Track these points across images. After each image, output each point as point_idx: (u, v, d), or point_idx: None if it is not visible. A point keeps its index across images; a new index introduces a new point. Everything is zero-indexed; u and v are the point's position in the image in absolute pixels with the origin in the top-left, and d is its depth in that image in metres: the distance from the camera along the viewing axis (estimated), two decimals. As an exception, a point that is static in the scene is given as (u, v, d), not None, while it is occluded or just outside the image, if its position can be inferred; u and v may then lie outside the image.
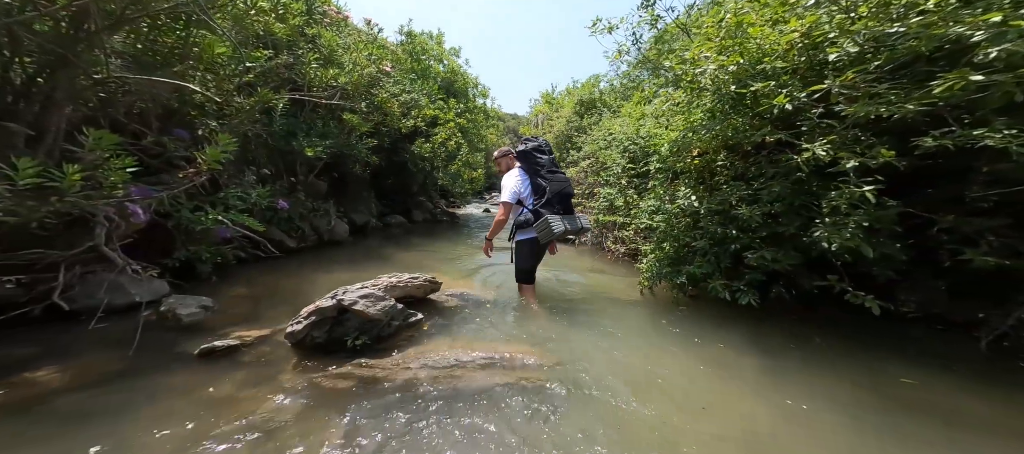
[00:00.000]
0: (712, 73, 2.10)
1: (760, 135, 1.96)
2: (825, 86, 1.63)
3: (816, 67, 2.01)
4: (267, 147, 3.45)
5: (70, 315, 2.04)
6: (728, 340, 2.23)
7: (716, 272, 2.53)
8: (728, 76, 2.05)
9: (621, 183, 4.82)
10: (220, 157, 1.91)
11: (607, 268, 4.36)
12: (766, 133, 1.93)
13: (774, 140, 1.95)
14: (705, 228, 2.53)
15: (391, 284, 2.49)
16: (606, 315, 2.80)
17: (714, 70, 2.03)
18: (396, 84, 5.69)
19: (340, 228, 4.65)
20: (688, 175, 3.21)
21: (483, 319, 2.64)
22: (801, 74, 2.01)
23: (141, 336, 1.92)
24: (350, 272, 3.58)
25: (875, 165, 1.55)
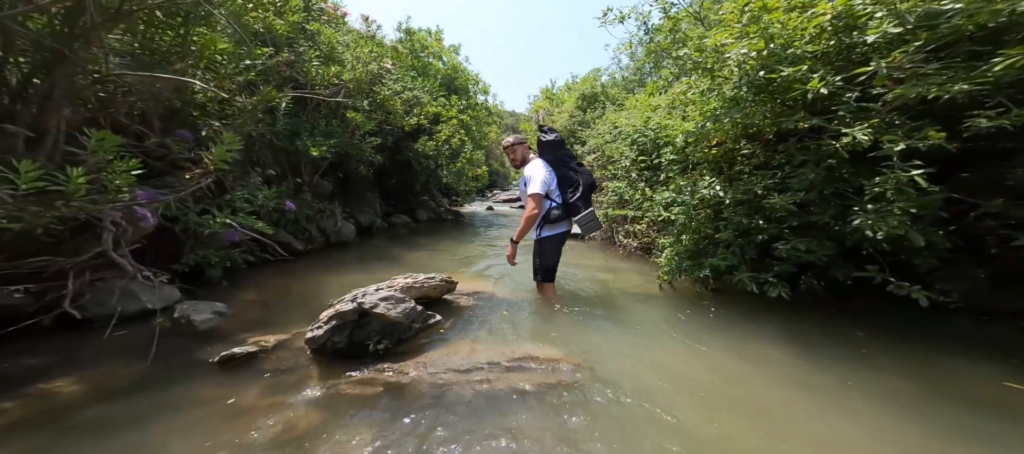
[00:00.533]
0: (737, 58, 2.02)
1: (793, 121, 1.88)
2: (871, 68, 1.55)
3: (845, 51, 1.94)
4: (272, 148, 3.35)
5: (81, 323, 1.97)
6: (763, 335, 2.16)
7: (742, 264, 2.46)
8: (755, 61, 1.97)
9: (631, 176, 4.74)
10: (226, 157, 1.83)
11: (620, 263, 4.30)
12: (799, 119, 1.85)
13: (807, 126, 1.87)
14: (729, 219, 2.45)
15: (407, 285, 2.41)
16: (628, 311, 2.73)
17: (740, 56, 1.95)
18: (397, 82, 5.58)
19: (346, 229, 4.56)
20: (706, 165, 3.14)
21: (501, 319, 2.56)
22: (832, 58, 1.93)
23: (157, 344, 1.85)
24: (360, 274, 3.50)
25: (924, 148, 1.48)
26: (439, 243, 5.45)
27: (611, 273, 3.77)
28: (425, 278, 2.48)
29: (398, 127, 5.34)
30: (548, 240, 2.57)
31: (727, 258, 2.49)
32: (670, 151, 3.65)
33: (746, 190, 2.36)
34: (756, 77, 1.99)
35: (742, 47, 1.92)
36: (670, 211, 2.98)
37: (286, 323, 2.32)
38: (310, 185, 3.99)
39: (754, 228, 2.35)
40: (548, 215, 2.48)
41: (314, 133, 3.55)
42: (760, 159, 2.46)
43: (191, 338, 2.05)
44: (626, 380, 1.76)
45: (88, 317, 2.01)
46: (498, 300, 2.88)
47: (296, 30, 3.46)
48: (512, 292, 3.10)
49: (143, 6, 1.92)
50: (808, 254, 2.06)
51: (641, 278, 3.54)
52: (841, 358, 1.87)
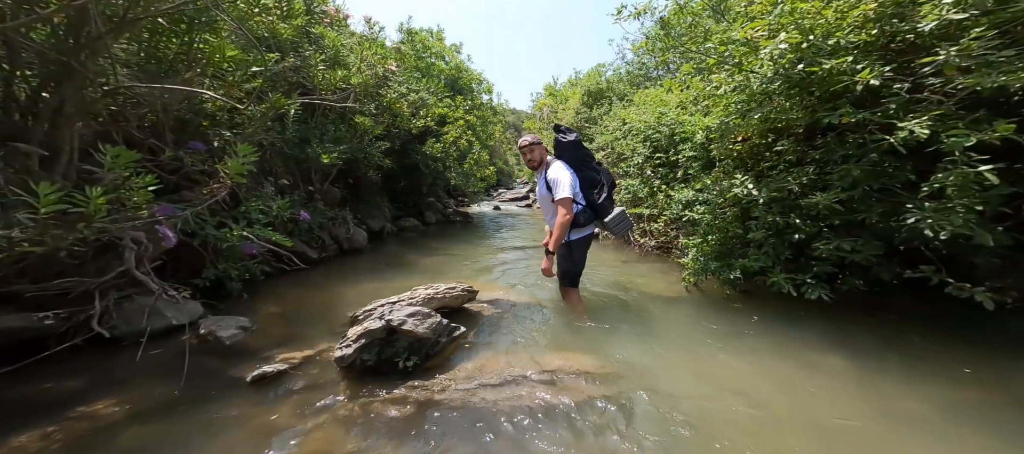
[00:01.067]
0: (772, 53, 1.92)
1: (837, 115, 1.78)
2: (939, 57, 1.45)
3: (889, 40, 1.84)
4: (282, 156, 3.28)
5: (111, 341, 1.94)
6: (810, 341, 2.07)
7: (776, 265, 2.37)
8: (792, 55, 1.87)
9: (645, 173, 4.64)
10: (242, 170, 1.76)
11: (638, 263, 4.21)
12: (845, 113, 1.76)
13: (852, 120, 1.77)
14: (760, 218, 2.36)
15: (429, 296, 2.35)
16: (656, 316, 2.65)
17: (775, 49, 1.85)
18: (403, 84, 5.50)
19: (358, 235, 4.51)
20: (729, 162, 3.04)
21: (524, 327, 2.49)
22: (875, 48, 1.83)
23: (188, 362, 1.83)
24: (376, 283, 3.44)
25: (990, 140, 1.38)
26: (451, 247, 5.38)
27: (630, 274, 3.69)
28: (446, 288, 2.41)
29: (405, 130, 5.26)
30: (576, 243, 2.45)
31: (759, 259, 2.40)
32: (689, 147, 3.55)
33: (779, 187, 2.27)
34: (793, 71, 1.89)
35: (779, 42, 1.82)
36: (694, 210, 2.89)
37: (311, 338, 2.27)
38: (321, 192, 3.93)
39: (789, 227, 2.26)
40: (576, 219, 2.35)
41: (324, 140, 3.48)
42: (793, 155, 2.36)
43: (219, 355, 2.01)
44: (670, 393, 1.68)
45: (117, 335, 1.99)
46: (519, 307, 2.81)
47: (300, 34, 3.38)
48: (531, 298, 3.02)
49: (148, 13, 1.85)
50: (854, 254, 1.97)
51: (663, 279, 3.46)
52: (905, 367, 1.77)
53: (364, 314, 2.36)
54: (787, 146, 2.19)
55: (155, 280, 2.02)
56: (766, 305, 2.62)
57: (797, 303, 2.38)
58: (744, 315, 2.51)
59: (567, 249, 2.44)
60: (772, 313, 2.50)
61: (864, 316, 2.34)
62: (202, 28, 2.14)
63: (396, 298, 2.39)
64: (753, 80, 2.37)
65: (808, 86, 2.04)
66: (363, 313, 2.38)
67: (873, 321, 2.26)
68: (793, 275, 2.30)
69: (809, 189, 2.23)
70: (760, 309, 2.57)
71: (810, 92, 2.09)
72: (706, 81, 2.68)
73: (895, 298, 2.40)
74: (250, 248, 2.33)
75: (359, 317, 2.37)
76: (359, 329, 1.81)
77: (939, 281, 1.73)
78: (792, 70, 1.90)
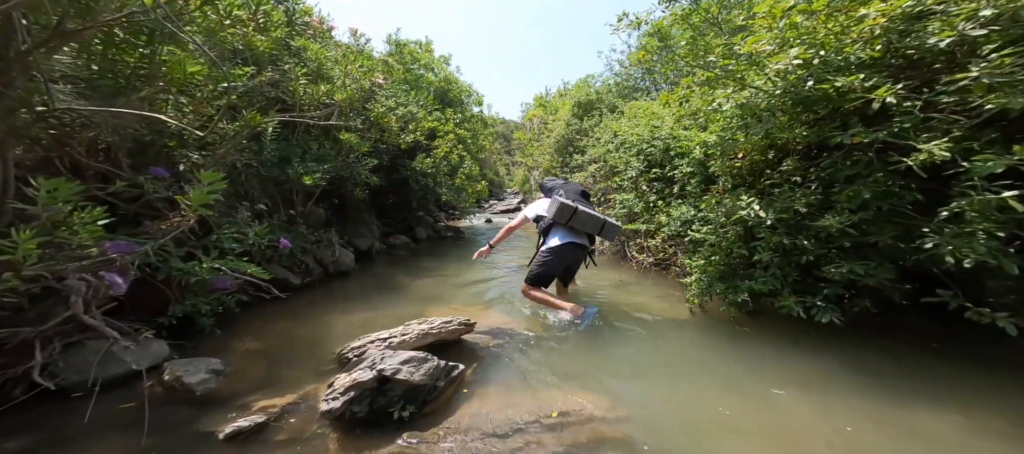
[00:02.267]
0: (781, 69, 1.86)
1: (850, 135, 1.72)
2: (974, 73, 1.39)
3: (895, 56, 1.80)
4: (260, 178, 3.05)
5: (58, 393, 1.69)
6: (828, 372, 1.97)
7: (784, 287, 2.29)
8: (802, 70, 1.81)
9: (641, 188, 4.58)
10: (207, 200, 1.55)
11: (636, 280, 4.11)
12: (857, 132, 1.70)
13: (865, 139, 1.71)
14: (766, 239, 2.28)
15: (422, 331, 2.16)
16: (664, 342, 2.52)
17: (788, 65, 1.79)
18: (391, 97, 5.34)
19: (345, 257, 4.26)
20: (727, 179, 2.98)
21: (526, 358, 2.33)
22: (883, 65, 1.79)
23: (150, 415, 1.59)
24: (365, 311, 3.21)
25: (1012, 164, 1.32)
26: (444, 266, 5.17)
27: (630, 293, 3.57)
28: (441, 323, 2.23)
29: (394, 145, 5.08)
30: (543, 252, 2.95)
31: (767, 281, 2.32)
32: (686, 163, 3.49)
33: (785, 208, 2.19)
34: (802, 88, 1.83)
35: (790, 56, 1.76)
36: (696, 230, 2.80)
37: (293, 379, 2.04)
38: (304, 214, 3.70)
39: (796, 249, 2.19)
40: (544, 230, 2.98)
41: (306, 158, 3.26)
42: (797, 174, 2.30)
43: (187, 405, 1.76)
44: (691, 442, 1.54)
45: (66, 385, 1.72)
46: (519, 336, 2.64)
47: (280, 47, 3.19)
48: (530, 323, 2.87)
49: (92, 24, 1.63)
50: (867, 278, 1.89)
51: (664, 299, 3.35)
52: (935, 401, 1.66)
53: (353, 352, 2.15)
54: (792, 165, 2.13)
55: (107, 324, 1.77)
56: (773, 327, 2.53)
57: (804, 325, 2.30)
58: (755, 341, 2.41)
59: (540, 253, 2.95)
60: (781, 337, 2.40)
61: (876, 339, 2.27)
62: (164, 40, 1.93)
63: (387, 334, 2.19)
64: (760, 95, 2.30)
65: (813, 103, 1.99)
66: (351, 351, 2.17)
67: (887, 344, 2.19)
68: (802, 298, 2.22)
69: (815, 209, 2.17)
70: (768, 332, 2.48)
71: (813, 109, 2.04)
72: (706, 95, 2.62)
73: (905, 319, 2.35)
74: (223, 282, 2.09)
75: (347, 355, 2.16)
76: (347, 380, 1.60)
77: (958, 306, 1.66)
78: (801, 87, 1.84)
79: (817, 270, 2.21)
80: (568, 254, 2.91)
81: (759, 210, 2.08)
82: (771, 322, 2.59)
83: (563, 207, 2.78)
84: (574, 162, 7.61)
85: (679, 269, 3.92)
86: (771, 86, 2.02)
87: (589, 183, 6.48)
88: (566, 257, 2.92)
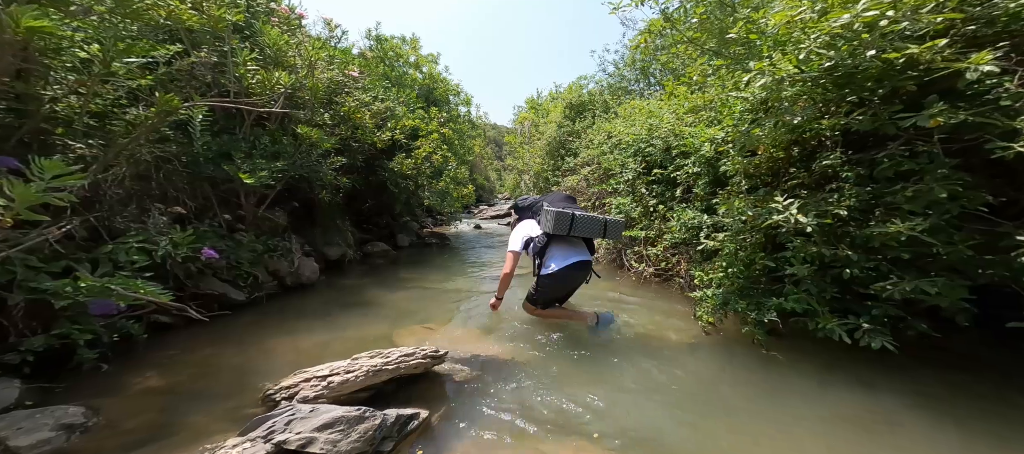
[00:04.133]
0: (841, 28, 1.44)
1: (928, 116, 1.33)
2: None
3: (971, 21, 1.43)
4: (189, 176, 2.55)
5: None
6: (888, 412, 1.56)
7: (821, 306, 1.88)
8: (867, 35, 1.41)
9: (640, 191, 4.19)
10: (37, 199, 1.07)
11: (635, 293, 3.68)
12: (937, 113, 1.31)
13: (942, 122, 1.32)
14: (797, 249, 1.88)
15: (372, 368, 1.68)
16: (673, 369, 2.08)
17: (851, 19, 1.37)
18: (366, 92, 4.88)
19: (307, 268, 3.75)
20: (741, 179, 2.60)
21: (510, 395, 1.88)
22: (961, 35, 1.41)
23: None
24: (322, 332, 2.71)
25: None
26: (424, 276, 4.68)
27: (631, 309, 3.14)
28: (400, 355, 1.75)
29: (368, 144, 4.61)
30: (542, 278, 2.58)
31: (799, 299, 1.91)
32: (693, 162, 3.11)
33: (821, 212, 1.80)
34: (860, 60, 1.44)
35: (859, 8, 1.35)
36: (711, 238, 2.39)
37: (193, 431, 1.54)
38: (255, 219, 3.19)
39: (839, 259, 1.79)
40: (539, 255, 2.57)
41: (254, 155, 2.78)
42: (833, 170, 1.91)
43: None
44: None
45: None
46: (503, 365, 2.18)
47: (226, 28, 2.72)
48: (516, 346, 2.41)
49: None
50: (938, 298, 1.49)
51: (670, 316, 2.92)
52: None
53: (284, 393, 1.67)
54: (835, 160, 1.73)
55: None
56: (805, 352, 2.12)
57: (840, 350, 1.90)
58: (787, 370, 1.99)
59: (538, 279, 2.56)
60: (816, 364, 2.00)
61: (935, 369, 1.88)
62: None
63: (328, 370, 1.71)
64: (787, 81, 1.90)
65: (865, 82, 1.61)
66: (282, 391, 1.68)
67: (956, 378, 1.79)
68: (845, 319, 1.82)
69: (857, 213, 1.78)
70: (801, 358, 2.07)
71: (866, 88, 1.65)
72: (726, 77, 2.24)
73: (958, 337, 1.96)
74: (105, 307, 1.59)
75: (275, 397, 1.67)
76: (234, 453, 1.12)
77: None
78: (857, 60, 1.45)
79: (859, 286, 1.82)
80: (572, 277, 2.53)
81: (797, 215, 1.67)
82: (802, 345, 2.18)
83: (560, 216, 2.37)
84: (566, 165, 7.24)
85: (684, 280, 3.51)
86: (814, 62, 1.62)
87: (582, 187, 6.10)
88: (570, 280, 2.57)
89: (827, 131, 1.87)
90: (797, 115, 1.79)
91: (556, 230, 2.38)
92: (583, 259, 2.51)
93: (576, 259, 2.48)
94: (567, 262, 2.45)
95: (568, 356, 2.27)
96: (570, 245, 2.55)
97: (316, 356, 2.37)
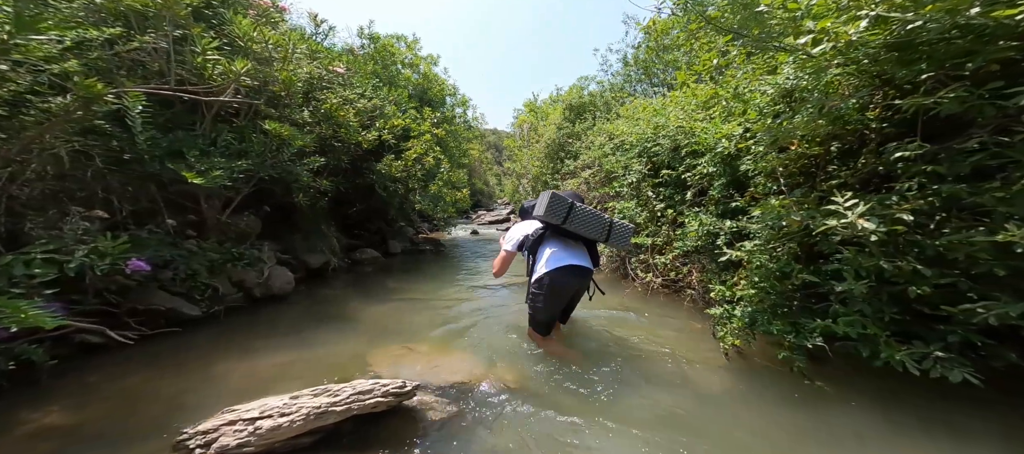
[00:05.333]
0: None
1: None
2: None
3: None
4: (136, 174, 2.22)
5: None
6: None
7: (879, 330, 1.52)
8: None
9: (647, 195, 3.85)
10: None
11: (641, 305, 3.32)
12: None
13: None
14: (851, 261, 1.53)
15: (314, 410, 1.33)
16: (695, 404, 1.71)
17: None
18: (352, 89, 4.58)
19: (281, 277, 3.41)
20: (764, 181, 2.26)
21: (492, 436, 1.53)
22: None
23: None
24: (288, 351, 2.36)
25: None
26: (413, 286, 4.33)
27: (638, 325, 2.77)
28: (354, 394, 1.40)
29: (353, 144, 4.29)
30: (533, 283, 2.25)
31: (853, 321, 1.55)
32: (708, 161, 2.77)
33: (888, 216, 1.45)
34: (959, 16, 1.09)
35: None
36: (738, 247, 2.03)
37: None
38: (219, 225, 2.86)
39: (900, 275, 1.44)
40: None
41: (213, 153, 2.46)
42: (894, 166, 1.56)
43: None
44: None
45: None
46: (488, 395, 1.83)
47: (185, 14, 2.41)
48: (506, 371, 2.04)
49: None
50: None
51: (684, 334, 2.55)
52: None
53: (199, 440, 1.31)
54: (912, 150, 1.36)
55: None
56: (851, 381, 1.75)
57: (895, 377, 1.54)
58: (836, 403, 1.63)
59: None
60: (873, 397, 1.63)
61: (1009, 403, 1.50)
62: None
63: (258, 411, 1.36)
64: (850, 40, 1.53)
65: (949, 53, 1.26)
66: (198, 436, 1.33)
67: None
68: (909, 345, 1.46)
69: (927, 218, 1.43)
70: (848, 389, 1.71)
71: (947, 60, 1.30)
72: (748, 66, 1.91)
73: None
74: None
75: (189, 444, 1.32)
76: None
77: None
78: (956, 16, 1.09)
79: (924, 305, 1.47)
80: (564, 284, 2.11)
81: (862, 220, 1.32)
82: (845, 374, 1.81)
83: (556, 200, 2.04)
84: (566, 168, 6.93)
85: (696, 292, 3.15)
86: (875, 34, 1.27)
87: (583, 190, 5.77)
88: (562, 290, 2.13)
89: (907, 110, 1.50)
90: (850, 98, 1.45)
91: (549, 216, 2.04)
92: (580, 264, 2.13)
93: (571, 262, 2.09)
94: (561, 264, 2.07)
95: (567, 386, 1.91)
96: (567, 246, 2.19)
97: (272, 381, 2.02)
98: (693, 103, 3.59)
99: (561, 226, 2.09)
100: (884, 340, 1.48)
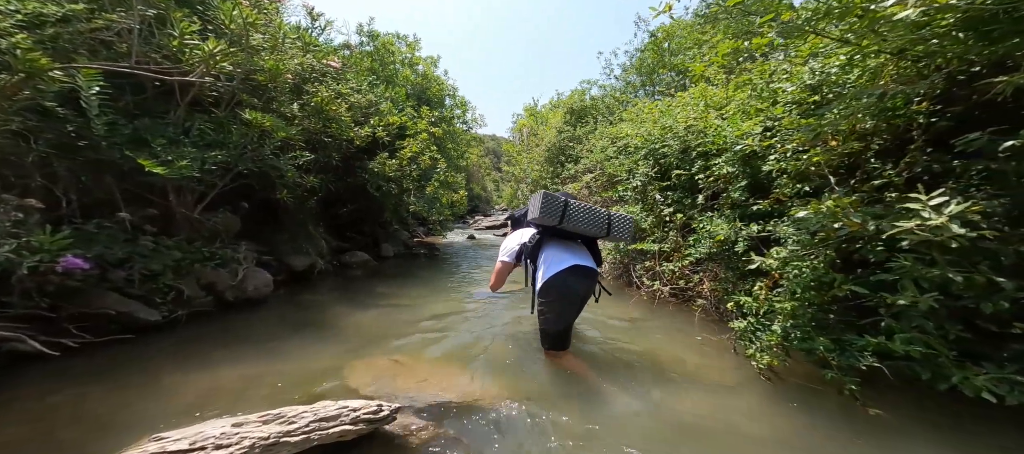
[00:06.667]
0: None
1: None
2: None
3: None
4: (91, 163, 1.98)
5: None
6: None
7: (944, 349, 1.29)
8: None
9: (651, 198, 3.64)
10: None
11: (648, 316, 3.07)
12: None
13: None
14: (908, 271, 1.30)
15: (264, 442, 1.07)
16: (727, 440, 1.46)
17: None
18: (346, 83, 4.37)
19: (257, 280, 3.14)
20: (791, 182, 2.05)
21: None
22: None
23: None
24: (257, 362, 2.10)
25: None
26: (404, 291, 4.06)
27: (650, 341, 2.52)
28: (314, 421, 1.13)
29: (345, 140, 4.07)
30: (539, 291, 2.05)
31: (912, 339, 1.32)
32: (726, 160, 2.56)
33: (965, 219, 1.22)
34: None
35: None
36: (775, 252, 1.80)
37: None
38: (189, 221, 2.61)
39: (971, 287, 1.21)
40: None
41: (184, 142, 2.22)
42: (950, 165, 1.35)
43: None
44: None
45: None
46: (481, 417, 1.57)
47: None
48: (502, 389, 1.78)
49: None
50: None
51: (700, 352, 2.30)
52: None
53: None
54: (982, 141, 1.15)
55: None
56: (906, 406, 1.51)
57: (959, 402, 1.30)
58: (899, 436, 1.38)
59: None
60: (944, 427, 1.39)
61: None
62: None
63: (189, 441, 1.09)
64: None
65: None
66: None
67: None
68: (979, 367, 1.23)
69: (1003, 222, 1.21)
70: (904, 417, 1.46)
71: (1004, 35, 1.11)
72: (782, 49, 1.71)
73: None
74: None
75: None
76: None
77: None
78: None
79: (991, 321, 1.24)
80: (572, 288, 1.93)
81: (949, 222, 1.09)
82: (895, 396, 1.56)
83: (549, 199, 1.86)
84: (566, 172, 6.74)
85: (708, 302, 2.92)
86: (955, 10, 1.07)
87: (584, 194, 5.57)
88: (571, 294, 1.96)
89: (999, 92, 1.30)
90: (903, 88, 1.24)
91: (545, 217, 1.85)
92: (584, 264, 1.95)
93: (574, 263, 1.92)
94: (565, 265, 1.90)
95: (572, 406, 1.65)
96: (567, 247, 2.01)
97: (232, 398, 1.75)
98: (702, 104, 3.41)
99: (558, 226, 1.91)
100: (950, 361, 1.25)
